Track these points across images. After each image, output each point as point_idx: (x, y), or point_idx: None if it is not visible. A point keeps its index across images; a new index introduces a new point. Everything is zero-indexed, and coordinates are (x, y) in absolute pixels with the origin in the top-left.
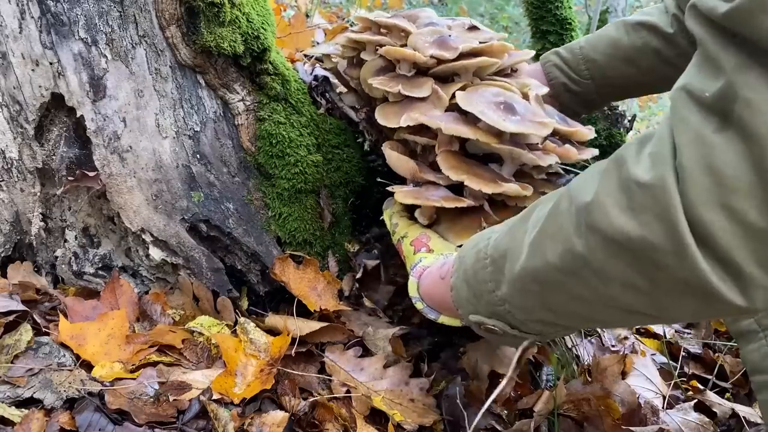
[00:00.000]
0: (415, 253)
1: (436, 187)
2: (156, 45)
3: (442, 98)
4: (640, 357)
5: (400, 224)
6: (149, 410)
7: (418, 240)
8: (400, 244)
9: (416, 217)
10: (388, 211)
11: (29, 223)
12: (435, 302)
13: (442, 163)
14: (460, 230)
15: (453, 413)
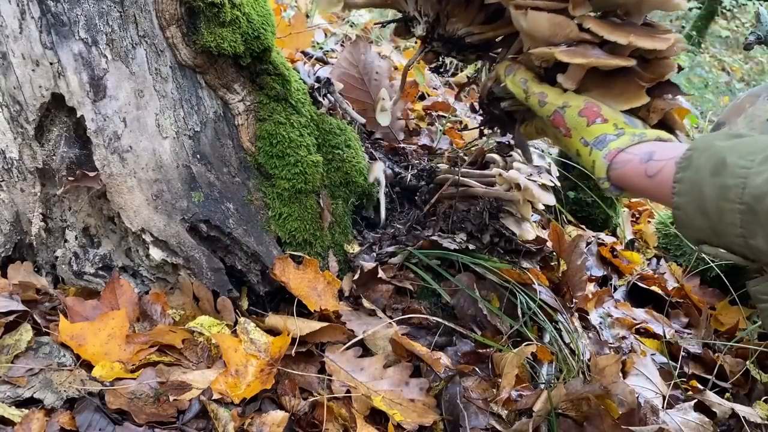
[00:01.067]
0: (590, 125)
1: (592, 46)
2: (156, 45)
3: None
4: (640, 357)
5: (549, 93)
6: (149, 410)
7: (588, 110)
8: (559, 116)
9: (560, 82)
10: (513, 77)
11: (29, 223)
12: (634, 191)
13: (599, 27)
14: (617, 95)
15: (453, 413)
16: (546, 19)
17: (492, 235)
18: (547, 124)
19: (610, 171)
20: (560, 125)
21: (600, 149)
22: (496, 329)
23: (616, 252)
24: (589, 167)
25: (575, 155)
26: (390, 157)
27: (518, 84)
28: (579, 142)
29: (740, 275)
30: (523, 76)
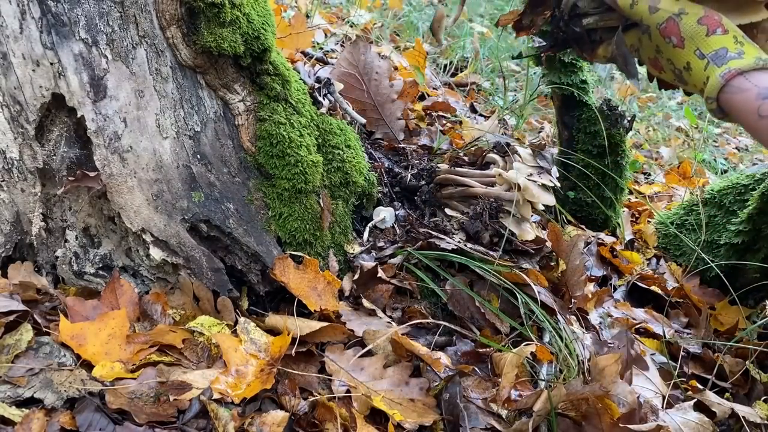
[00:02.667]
0: (710, 35)
1: None
2: (156, 45)
3: None
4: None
5: (663, 0)
6: (149, 410)
7: (708, 18)
8: (673, 23)
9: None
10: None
11: (30, 223)
12: (738, 123)
13: None
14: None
15: (453, 413)
16: None
17: (491, 235)
18: (654, 35)
19: (722, 92)
20: (673, 34)
21: (719, 65)
22: (495, 329)
23: (616, 252)
24: (698, 83)
25: (682, 69)
26: (390, 157)
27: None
28: (693, 53)
29: (740, 275)
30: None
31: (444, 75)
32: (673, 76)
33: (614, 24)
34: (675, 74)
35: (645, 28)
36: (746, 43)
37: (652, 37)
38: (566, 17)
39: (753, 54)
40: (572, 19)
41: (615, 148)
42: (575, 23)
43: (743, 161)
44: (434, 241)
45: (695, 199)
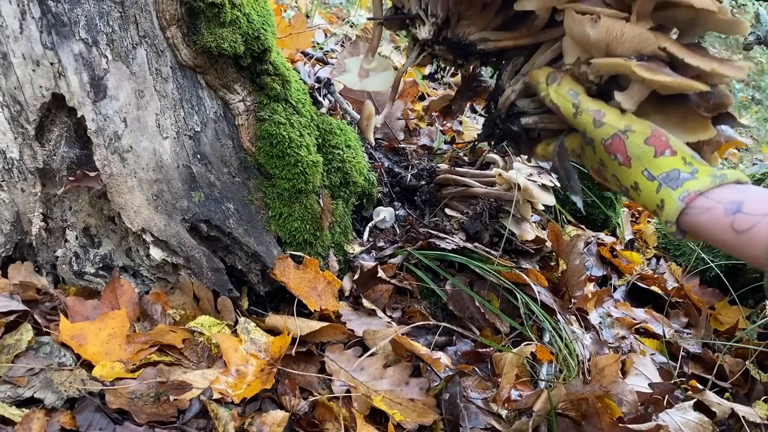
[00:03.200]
0: (658, 157)
1: (663, 64)
2: (156, 45)
3: None
4: (640, 356)
5: (608, 113)
6: (150, 410)
7: (655, 138)
8: (619, 141)
9: (620, 101)
10: (557, 88)
11: (30, 223)
12: (709, 242)
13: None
14: (679, 124)
15: (453, 413)
16: (630, 29)
17: (491, 235)
18: (598, 149)
19: (683, 215)
20: (619, 152)
21: (674, 188)
22: (495, 329)
23: (616, 252)
24: (651, 205)
25: (630, 188)
26: (390, 157)
27: (566, 97)
28: (641, 174)
29: (740, 275)
30: (571, 88)
31: (444, 75)
32: (619, 190)
33: (554, 127)
34: (621, 190)
35: (588, 140)
36: (696, 162)
37: (596, 150)
38: (503, 115)
39: (707, 172)
40: (509, 117)
41: None
42: (513, 122)
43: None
44: (434, 241)
45: None
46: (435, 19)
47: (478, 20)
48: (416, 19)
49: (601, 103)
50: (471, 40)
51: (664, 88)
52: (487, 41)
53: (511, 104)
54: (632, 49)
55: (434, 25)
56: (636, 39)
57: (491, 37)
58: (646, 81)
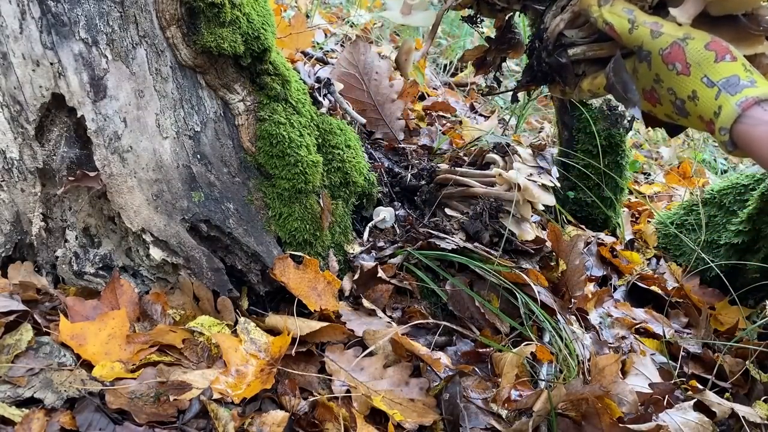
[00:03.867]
0: (719, 62)
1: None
2: (156, 45)
3: None
4: (640, 356)
5: (665, 24)
6: (149, 410)
7: (716, 43)
8: (678, 49)
9: (675, 14)
10: (611, 7)
11: (30, 223)
12: (754, 157)
13: None
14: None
15: (453, 413)
16: None
17: (491, 235)
18: (655, 61)
19: (738, 122)
20: (678, 60)
21: (732, 94)
22: (495, 329)
23: (616, 252)
24: (707, 112)
25: (686, 99)
26: (390, 157)
27: (620, 14)
28: (700, 81)
29: (740, 275)
30: (624, 6)
31: (444, 75)
32: (672, 108)
33: (603, 54)
34: (675, 105)
35: (645, 55)
36: (754, 73)
37: (653, 64)
38: (550, 47)
39: (765, 83)
40: (557, 49)
41: (615, 148)
42: (560, 54)
43: (743, 161)
44: (434, 241)
45: (695, 199)
46: None
47: None
48: None
49: (657, 17)
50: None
51: (717, 3)
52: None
53: (559, 34)
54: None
55: None
56: None
57: None
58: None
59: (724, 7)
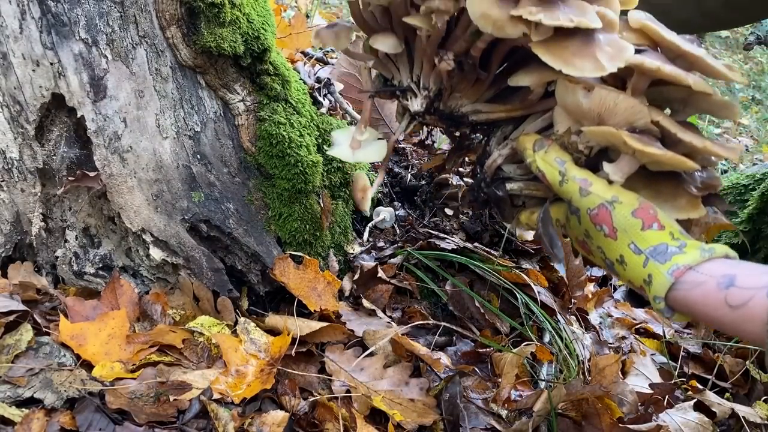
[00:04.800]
0: (645, 230)
1: (654, 138)
2: (156, 45)
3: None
4: (640, 357)
5: (595, 183)
6: (149, 410)
7: (643, 210)
8: (605, 211)
9: (608, 172)
10: (544, 155)
11: (30, 223)
12: (700, 319)
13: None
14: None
15: (453, 413)
16: (624, 100)
17: (491, 235)
18: (583, 219)
19: (672, 290)
20: (605, 222)
21: (662, 262)
22: (495, 329)
23: None
24: (638, 280)
25: (615, 261)
26: (390, 157)
27: (553, 164)
28: (627, 247)
29: None
30: (558, 156)
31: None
32: (603, 264)
33: (540, 194)
34: (606, 264)
35: (574, 209)
36: (683, 237)
37: (582, 220)
38: (488, 179)
39: (695, 246)
40: (495, 182)
41: None
42: (498, 187)
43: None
44: (434, 241)
45: None
46: (427, 92)
47: (470, 93)
48: (407, 91)
49: (588, 173)
50: (463, 111)
51: (655, 163)
52: (479, 113)
53: (497, 168)
54: (624, 121)
55: (426, 98)
56: (629, 111)
57: (483, 109)
58: (637, 153)
59: (660, 165)
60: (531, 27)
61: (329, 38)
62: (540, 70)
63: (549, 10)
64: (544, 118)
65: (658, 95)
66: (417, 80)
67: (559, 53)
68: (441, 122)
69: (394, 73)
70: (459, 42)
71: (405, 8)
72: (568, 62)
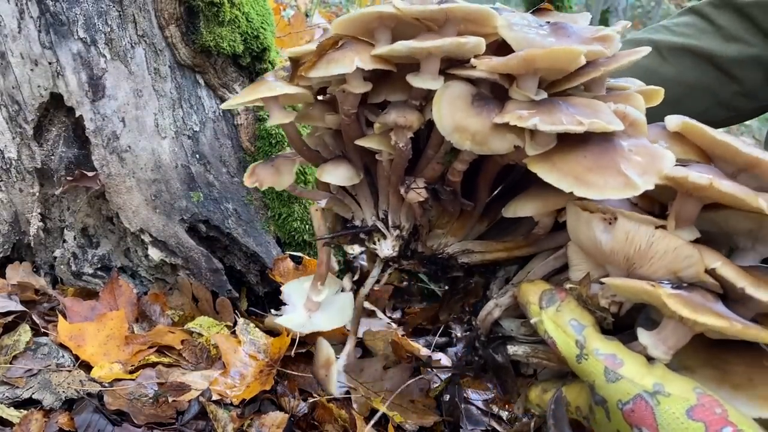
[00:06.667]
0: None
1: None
2: (155, 45)
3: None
4: None
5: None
6: (148, 411)
7: (704, 408)
8: (644, 407)
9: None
10: (555, 313)
11: (28, 223)
12: None
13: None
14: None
15: (453, 414)
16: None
17: None
18: (613, 415)
19: None
20: (645, 424)
21: None
22: None
23: None
24: None
25: None
26: None
27: (567, 329)
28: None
29: None
30: (575, 318)
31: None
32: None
33: (555, 366)
34: None
35: (599, 400)
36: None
37: (612, 417)
38: (483, 338)
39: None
40: (492, 342)
41: None
42: (497, 349)
43: None
44: None
45: None
46: (399, 230)
47: (456, 228)
48: (374, 232)
49: (618, 345)
50: (449, 252)
51: (714, 333)
52: (470, 253)
53: (493, 323)
54: (665, 269)
55: (399, 238)
56: (671, 255)
57: (475, 249)
58: (685, 320)
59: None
60: (525, 137)
61: (267, 177)
62: (544, 194)
63: (547, 112)
64: (556, 256)
65: (716, 227)
66: (384, 217)
67: (568, 168)
68: (423, 267)
69: (354, 210)
70: (431, 165)
71: (359, 128)
72: (581, 180)
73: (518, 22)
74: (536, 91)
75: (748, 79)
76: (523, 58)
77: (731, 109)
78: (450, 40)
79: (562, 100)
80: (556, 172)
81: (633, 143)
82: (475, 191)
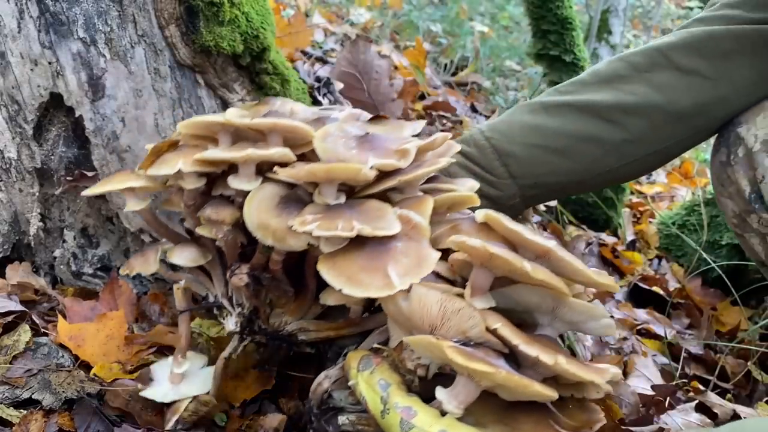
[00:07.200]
0: None
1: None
2: (155, 44)
3: (422, 228)
4: (641, 357)
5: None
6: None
7: None
8: None
9: (442, 400)
10: (368, 375)
11: (28, 223)
12: None
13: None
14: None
15: None
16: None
17: None
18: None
19: None
20: None
21: None
22: None
23: (618, 252)
24: None
25: None
26: None
27: (375, 387)
28: None
29: (742, 276)
30: (383, 377)
31: (444, 74)
32: None
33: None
34: None
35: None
36: None
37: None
38: (315, 409)
39: None
40: (324, 414)
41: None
42: (328, 420)
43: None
44: None
45: (697, 199)
46: (241, 309)
47: (293, 309)
48: (222, 308)
49: (415, 400)
50: (289, 330)
51: (502, 389)
52: (307, 331)
53: (324, 394)
54: (456, 329)
55: (241, 315)
56: (457, 316)
57: (311, 327)
58: (469, 372)
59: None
60: (319, 237)
61: (137, 265)
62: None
63: (328, 218)
64: (380, 331)
65: (518, 305)
66: (231, 296)
67: (345, 267)
68: (273, 341)
69: (208, 287)
70: (256, 254)
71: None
72: (352, 279)
73: (334, 133)
74: (336, 196)
75: (632, 125)
76: (307, 171)
77: (622, 156)
78: (257, 152)
79: (353, 206)
80: (334, 271)
81: (407, 245)
82: (304, 277)
